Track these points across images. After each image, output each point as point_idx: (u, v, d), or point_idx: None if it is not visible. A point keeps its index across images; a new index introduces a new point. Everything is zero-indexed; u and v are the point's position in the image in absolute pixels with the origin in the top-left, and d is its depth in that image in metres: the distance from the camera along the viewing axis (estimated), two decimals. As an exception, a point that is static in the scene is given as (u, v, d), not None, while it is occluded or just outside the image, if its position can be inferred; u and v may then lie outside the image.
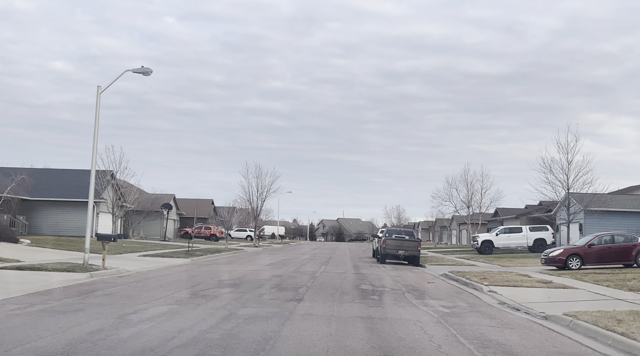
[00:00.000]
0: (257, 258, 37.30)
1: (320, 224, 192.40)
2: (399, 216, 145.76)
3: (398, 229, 42.35)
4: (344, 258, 40.84)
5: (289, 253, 46.75)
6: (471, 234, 57.20)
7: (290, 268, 26.90)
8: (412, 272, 28.06)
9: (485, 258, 39.73)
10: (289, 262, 32.28)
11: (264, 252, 48.09)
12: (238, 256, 39.31)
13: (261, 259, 34.82)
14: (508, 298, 16.55)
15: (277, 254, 43.15)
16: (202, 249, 41.74)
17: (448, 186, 55.97)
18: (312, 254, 44.87)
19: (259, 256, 39.36)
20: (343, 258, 41.83)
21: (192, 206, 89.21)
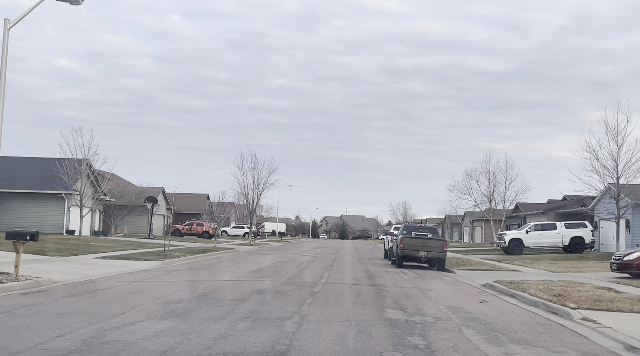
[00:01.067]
0: (245, 260, 30.53)
1: (323, 221, 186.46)
2: (405, 212, 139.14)
3: (418, 225, 35.10)
4: (351, 260, 34.11)
5: (287, 253, 40.02)
6: (494, 232, 50.42)
7: (282, 276, 20.11)
8: (444, 281, 21.25)
9: (520, 260, 32.89)
10: (283, 267, 25.54)
11: (258, 252, 41.32)
12: (223, 258, 32.53)
13: (249, 263, 28.06)
14: (626, 333, 9.94)
15: (272, 255, 36.38)
16: (184, 249, 35.01)
17: (467, 177, 49.43)
18: (313, 255, 38.11)
19: (249, 258, 32.58)
20: (350, 259, 35.08)
21: (187, 202, 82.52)
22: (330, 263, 29.23)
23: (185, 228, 63.63)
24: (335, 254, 40.85)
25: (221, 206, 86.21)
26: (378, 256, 40.20)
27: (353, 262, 32.06)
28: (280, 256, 35.12)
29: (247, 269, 22.70)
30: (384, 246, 38.50)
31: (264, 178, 56.32)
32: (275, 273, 21.15)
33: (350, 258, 35.93)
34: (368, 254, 43.43)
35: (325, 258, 35.40)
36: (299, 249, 50.28)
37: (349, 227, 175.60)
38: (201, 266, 24.42)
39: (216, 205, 55.94)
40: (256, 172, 56.26)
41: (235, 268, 23.73)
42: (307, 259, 32.82)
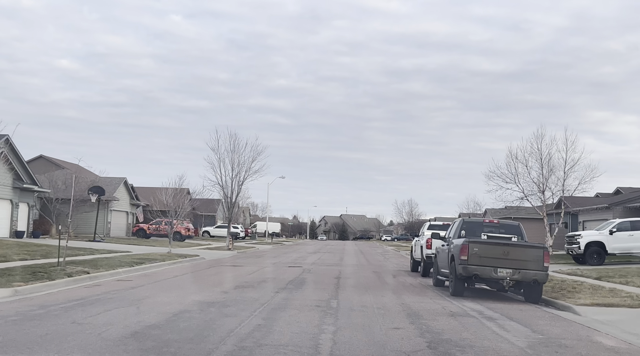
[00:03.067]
0: (185, 284, 17.68)
1: (322, 221, 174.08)
2: (411, 211, 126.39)
3: (485, 221, 21.08)
4: (366, 279, 21.16)
5: (268, 264, 27.37)
6: (549, 232, 37.84)
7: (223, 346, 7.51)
8: None
9: (620, 275, 20.18)
10: (243, 301, 12.80)
11: (229, 262, 28.61)
12: (159, 276, 19.57)
13: (185, 291, 15.20)
14: None
15: (244, 269, 23.61)
16: (114, 260, 22.32)
17: (512, 160, 36.92)
18: (306, 268, 25.33)
19: (198, 278, 19.63)
20: (363, 276, 22.26)
21: (161, 196, 69.65)
22: (333, 290, 16.34)
23: (152, 228, 50.94)
24: (338, 265, 28.23)
25: (205, 203, 73.41)
26: (401, 268, 27.59)
27: (370, 283, 19.30)
28: (252, 271, 22.44)
29: (158, 316, 10.00)
30: (411, 253, 25.82)
31: (247, 163, 43.89)
32: (209, 334, 8.52)
33: (363, 273, 23.29)
34: (384, 264, 30.83)
35: (324, 272, 22.75)
36: (289, 255, 37.69)
37: (350, 227, 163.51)
38: (88, 301, 11.78)
39: (171, 196, 43.19)
40: (236, 157, 43.82)
41: (144, 305, 11.09)
42: (293, 276, 20.13)
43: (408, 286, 18.54)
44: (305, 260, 31.37)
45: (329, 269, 24.09)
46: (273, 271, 22.48)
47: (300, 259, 32.86)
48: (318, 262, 29.76)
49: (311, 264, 28.07)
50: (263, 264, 26.98)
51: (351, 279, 19.47)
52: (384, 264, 30.81)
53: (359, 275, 21.69)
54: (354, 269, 24.83)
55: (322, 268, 25.50)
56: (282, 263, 28.00)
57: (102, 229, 49.79)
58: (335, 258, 35.48)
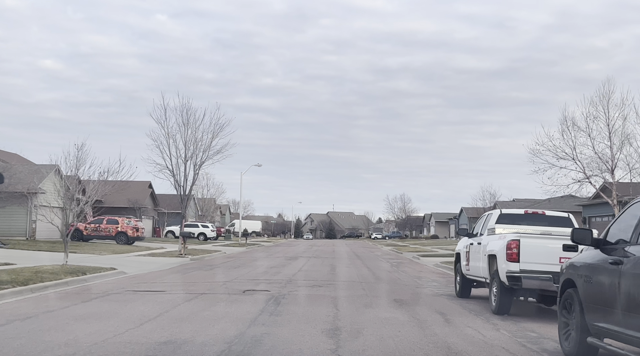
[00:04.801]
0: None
1: (308, 219, 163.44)
2: (404, 207, 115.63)
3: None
4: (408, 339, 9.96)
5: (213, 288, 16.00)
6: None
7: None
8: None
9: None
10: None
11: (144, 287, 17.43)
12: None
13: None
14: None
15: (148, 308, 12.32)
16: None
17: (568, 128, 25.92)
18: (277, 295, 14.08)
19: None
20: (392, 322, 11.03)
21: (119, 192, 58.11)
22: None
23: (90, 228, 39.55)
24: (331, 285, 17.06)
25: (172, 199, 62.76)
26: (431, 287, 16.40)
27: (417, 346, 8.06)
28: (155, 315, 11.24)
29: None
30: (456, 266, 14.15)
31: (205, 142, 32.63)
32: None
33: (385, 313, 11.93)
34: (400, 279, 19.70)
35: (305, 314, 11.52)
36: (259, 264, 26.57)
37: (337, 225, 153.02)
38: None
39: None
40: (191, 132, 32.54)
41: None
42: (234, 333, 8.96)
43: None
44: (278, 274, 20.27)
45: (315, 302, 12.97)
46: (200, 312, 11.33)
47: (273, 271, 21.78)
48: (298, 279, 18.66)
49: (286, 282, 16.98)
50: (203, 287, 15.82)
51: (371, 351, 8.17)
52: (400, 279, 19.77)
53: (383, 325, 10.50)
54: (362, 300, 13.72)
55: (302, 293, 14.40)
56: (238, 281, 16.92)
57: (23, 230, 38.43)
58: (324, 268, 24.38)
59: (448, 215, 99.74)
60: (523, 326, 10.16)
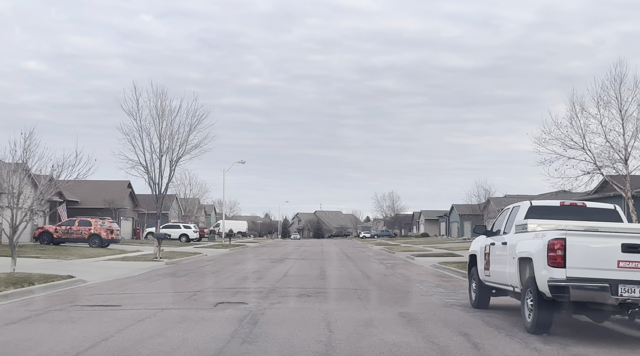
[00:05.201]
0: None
1: (295, 219, 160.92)
2: (393, 205, 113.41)
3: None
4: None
5: (179, 304, 13.45)
6: (636, 219, 24.73)
7: None
8: None
9: None
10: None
11: (98, 300, 14.79)
12: None
13: None
14: None
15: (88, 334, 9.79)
16: None
17: (577, 114, 23.43)
18: (255, 311, 11.56)
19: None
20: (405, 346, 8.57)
21: (95, 192, 55.28)
22: None
23: (61, 230, 36.71)
24: (322, 296, 14.52)
25: (153, 199, 60.17)
26: (443, 297, 13.83)
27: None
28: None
29: None
30: (470, 272, 11.57)
31: (182, 135, 29.91)
32: None
33: (395, 332, 9.47)
34: (401, 286, 17.12)
35: (286, 338, 9.01)
36: (241, 268, 23.92)
37: (325, 224, 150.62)
38: None
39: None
40: (167, 125, 29.79)
41: None
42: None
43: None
44: (260, 280, 17.71)
45: (303, 319, 10.39)
46: (149, 340, 8.76)
47: (254, 276, 19.21)
48: (282, 286, 16.10)
49: (269, 291, 14.43)
50: (169, 300, 13.24)
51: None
52: (399, 284, 17.24)
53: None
54: (361, 315, 11.19)
55: (287, 307, 11.81)
56: (213, 291, 14.37)
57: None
58: (312, 271, 21.82)
59: (438, 213, 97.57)
60: (574, 352, 7.68)
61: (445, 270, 23.73)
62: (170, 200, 71.22)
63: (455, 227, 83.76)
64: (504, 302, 12.14)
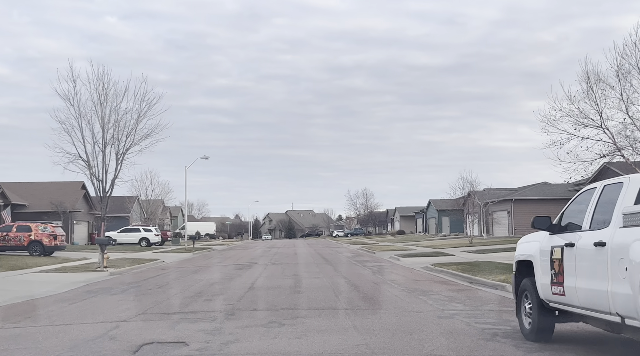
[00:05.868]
0: None
1: (266, 219, 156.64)
2: (367, 202, 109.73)
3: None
4: None
5: (83, 338, 9.12)
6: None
7: None
8: None
9: None
10: None
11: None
12: None
13: None
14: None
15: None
16: None
17: (592, 86, 19.68)
18: (198, 355, 7.47)
19: None
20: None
21: (43, 194, 50.27)
22: None
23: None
24: (301, 324, 10.36)
25: (114, 202, 55.38)
26: (474, 321, 9.84)
27: None
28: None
29: None
30: (527, 290, 7.73)
31: (129, 123, 25.38)
32: None
33: None
34: (401, 296, 13.04)
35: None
36: (201, 276, 19.53)
37: (297, 224, 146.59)
38: None
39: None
40: (112, 111, 25.25)
41: None
42: None
43: None
44: (217, 297, 13.49)
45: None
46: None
47: (212, 291, 14.97)
48: (245, 307, 11.95)
49: (225, 317, 10.30)
50: (75, 335, 8.96)
51: None
52: (399, 298, 13.14)
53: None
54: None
55: (249, 350, 7.67)
56: (146, 317, 10.17)
57: None
58: (285, 281, 17.62)
59: (414, 209, 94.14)
60: None
61: (443, 274, 19.84)
62: (131, 202, 66.35)
63: (433, 223, 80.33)
64: (570, 329, 8.17)
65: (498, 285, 15.22)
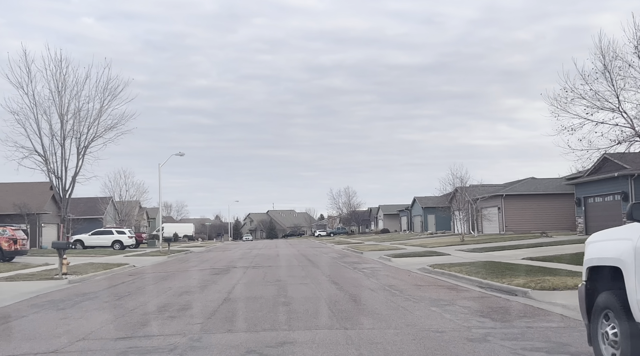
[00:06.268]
0: None
1: (247, 219, 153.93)
2: (349, 201, 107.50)
3: None
4: None
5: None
6: None
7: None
8: None
9: None
10: None
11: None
12: None
13: None
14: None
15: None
16: None
17: (604, 64, 17.38)
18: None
19: None
20: None
21: (10, 196, 47.16)
22: None
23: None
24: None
25: (87, 203, 53.26)
26: (521, 348, 7.48)
27: None
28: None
29: None
30: (613, 306, 5.62)
31: (91, 113, 22.64)
32: None
33: None
34: (408, 307, 10.65)
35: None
36: (170, 283, 16.94)
37: (278, 224, 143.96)
38: None
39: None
40: (69, 100, 22.51)
41: None
42: None
43: None
44: (182, 316, 10.97)
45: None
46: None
47: (179, 304, 12.46)
48: (216, 329, 9.49)
49: (185, 349, 7.76)
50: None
51: None
52: (408, 311, 10.74)
53: None
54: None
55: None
56: (84, 346, 7.63)
57: None
58: (267, 290, 15.13)
59: (398, 207, 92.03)
60: None
61: (445, 277, 17.51)
62: (105, 203, 63.36)
63: (418, 221, 78.19)
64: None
65: (517, 291, 12.92)
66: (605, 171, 32.65)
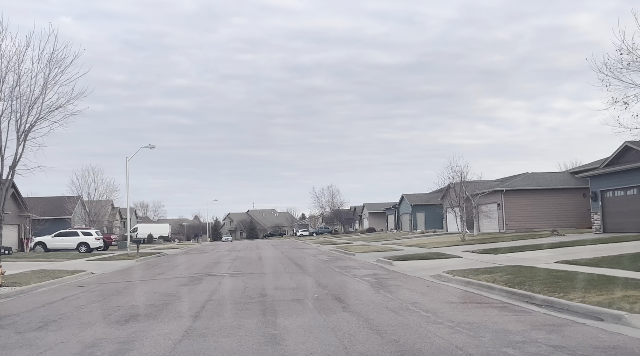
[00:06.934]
0: None
1: (227, 219, 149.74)
2: (332, 200, 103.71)
3: None
4: None
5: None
6: None
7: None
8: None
9: None
10: None
11: None
12: None
13: None
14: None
15: None
16: None
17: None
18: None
19: None
20: None
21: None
22: None
23: None
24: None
25: (53, 202, 49.26)
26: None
27: None
28: None
29: None
30: None
31: (33, 91, 18.48)
32: None
33: None
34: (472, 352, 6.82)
35: None
36: (126, 298, 12.94)
37: (259, 224, 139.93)
38: None
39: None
40: (7, 73, 18.38)
41: None
42: None
43: None
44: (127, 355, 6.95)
45: None
46: None
47: (123, 338, 8.43)
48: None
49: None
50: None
51: None
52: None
53: None
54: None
55: None
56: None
57: None
58: (250, 311, 11.19)
59: (384, 205, 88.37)
60: None
61: (479, 289, 13.69)
62: (73, 202, 58.73)
63: (406, 219, 74.47)
64: None
65: (603, 313, 9.15)
66: (626, 161, 29.16)
